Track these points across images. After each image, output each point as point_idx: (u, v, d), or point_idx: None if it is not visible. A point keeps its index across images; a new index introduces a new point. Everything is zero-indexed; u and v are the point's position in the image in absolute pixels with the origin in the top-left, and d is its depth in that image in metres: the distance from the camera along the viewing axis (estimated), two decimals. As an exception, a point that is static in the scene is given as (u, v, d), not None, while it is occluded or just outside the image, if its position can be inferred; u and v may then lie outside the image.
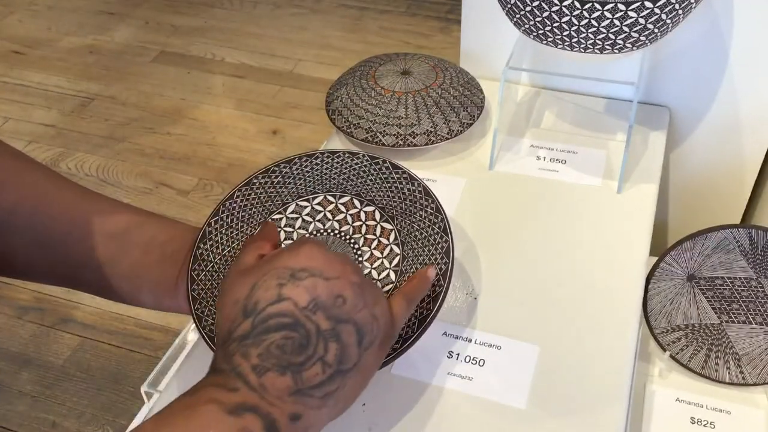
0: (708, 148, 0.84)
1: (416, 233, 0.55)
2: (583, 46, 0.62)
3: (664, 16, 0.59)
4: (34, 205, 0.52)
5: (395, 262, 0.55)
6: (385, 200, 0.57)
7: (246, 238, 0.56)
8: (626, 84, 0.70)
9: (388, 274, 0.54)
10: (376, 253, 0.55)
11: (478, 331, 0.58)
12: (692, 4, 0.61)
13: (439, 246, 0.53)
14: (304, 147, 1.77)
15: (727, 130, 0.82)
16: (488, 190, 0.72)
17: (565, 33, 0.61)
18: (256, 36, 2.23)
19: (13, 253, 0.53)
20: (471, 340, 0.58)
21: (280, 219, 0.58)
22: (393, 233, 0.56)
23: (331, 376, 0.40)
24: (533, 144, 0.78)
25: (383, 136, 0.73)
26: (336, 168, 0.59)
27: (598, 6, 0.58)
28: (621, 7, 0.57)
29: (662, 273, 0.67)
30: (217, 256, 0.55)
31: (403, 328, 0.50)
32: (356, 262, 0.54)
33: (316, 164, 0.59)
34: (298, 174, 0.59)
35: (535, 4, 0.60)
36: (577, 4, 0.58)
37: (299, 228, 0.57)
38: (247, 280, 0.43)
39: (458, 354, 0.57)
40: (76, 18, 2.35)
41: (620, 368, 0.55)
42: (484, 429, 0.52)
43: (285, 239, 0.57)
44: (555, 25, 0.61)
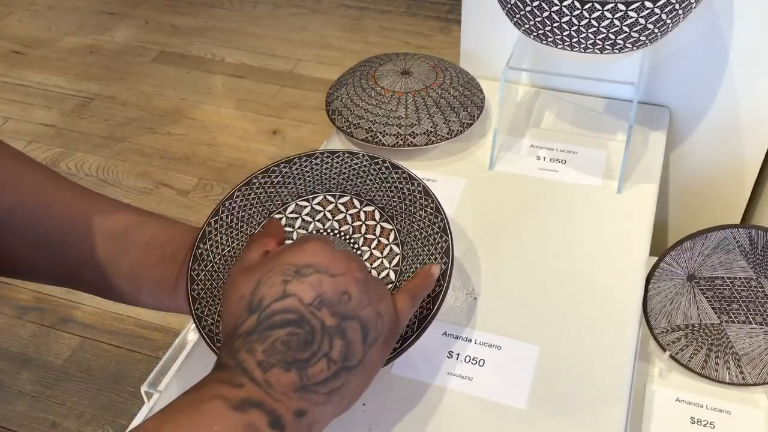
0: (708, 148, 0.84)
1: (416, 233, 0.55)
2: (583, 46, 0.62)
3: (664, 16, 0.59)
4: (34, 205, 0.52)
5: (395, 261, 0.55)
6: (384, 200, 0.57)
7: (246, 238, 0.56)
8: (626, 84, 0.70)
9: (387, 274, 0.54)
10: (376, 253, 0.55)
11: (478, 331, 0.58)
12: (692, 4, 0.61)
13: (439, 246, 0.53)
14: (304, 147, 1.77)
15: (727, 130, 0.82)
16: (488, 190, 0.72)
17: (565, 33, 0.61)
18: (256, 36, 2.23)
19: (14, 253, 0.53)
20: (471, 340, 0.58)
21: (280, 219, 0.58)
22: (393, 233, 0.56)
23: (336, 372, 0.40)
24: (533, 144, 0.78)
25: (383, 136, 0.73)
26: (336, 168, 0.59)
27: (598, 6, 0.58)
28: (621, 7, 0.57)
29: (662, 273, 0.67)
30: (216, 255, 0.55)
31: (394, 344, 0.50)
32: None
33: (316, 164, 0.59)
34: (297, 174, 0.59)
35: (535, 4, 0.60)
36: (577, 4, 0.58)
37: (299, 228, 0.57)
38: (252, 276, 0.43)
39: (458, 354, 0.57)
40: (76, 18, 2.35)
41: (620, 368, 0.55)
42: (484, 429, 0.52)
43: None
44: (555, 25, 0.61)
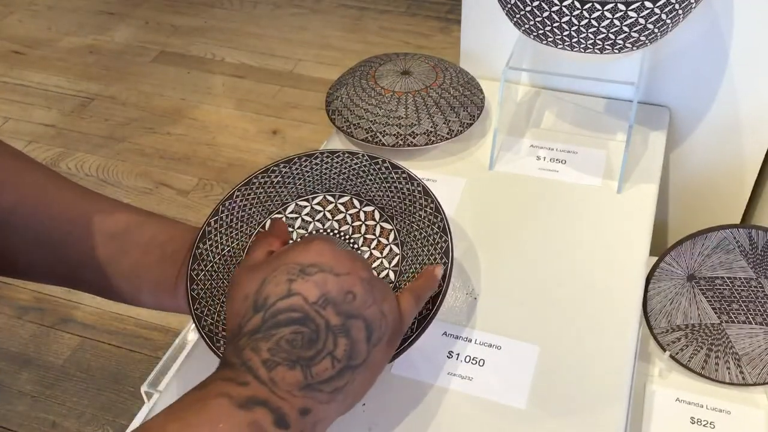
0: (708, 148, 0.84)
1: (416, 233, 0.55)
2: (583, 46, 0.62)
3: (664, 16, 0.59)
4: (34, 204, 0.52)
5: (395, 261, 0.55)
6: (384, 200, 0.57)
7: (246, 237, 0.56)
8: (626, 84, 0.70)
9: (387, 274, 0.54)
10: (376, 253, 0.55)
11: (478, 331, 0.58)
12: (692, 4, 0.61)
13: (439, 246, 0.53)
14: (304, 147, 1.77)
15: (727, 130, 0.82)
16: (488, 190, 0.72)
17: (565, 33, 0.61)
18: (256, 36, 2.23)
19: (14, 253, 0.53)
20: (471, 340, 0.58)
21: (280, 219, 0.58)
22: (392, 233, 0.56)
23: (340, 371, 0.40)
24: (533, 144, 0.78)
25: (383, 136, 0.73)
26: (335, 168, 0.59)
27: (598, 6, 0.58)
28: (621, 7, 0.57)
29: (662, 273, 0.67)
30: (216, 255, 0.55)
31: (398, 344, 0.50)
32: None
33: (316, 164, 0.59)
34: (297, 174, 0.59)
35: (535, 4, 0.60)
36: (577, 4, 0.58)
37: (299, 228, 0.57)
38: (256, 275, 0.43)
39: (458, 354, 0.57)
40: (76, 18, 2.35)
41: (620, 368, 0.55)
42: (484, 429, 0.52)
43: (285, 239, 0.57)
44: (555, 25, 0.61)
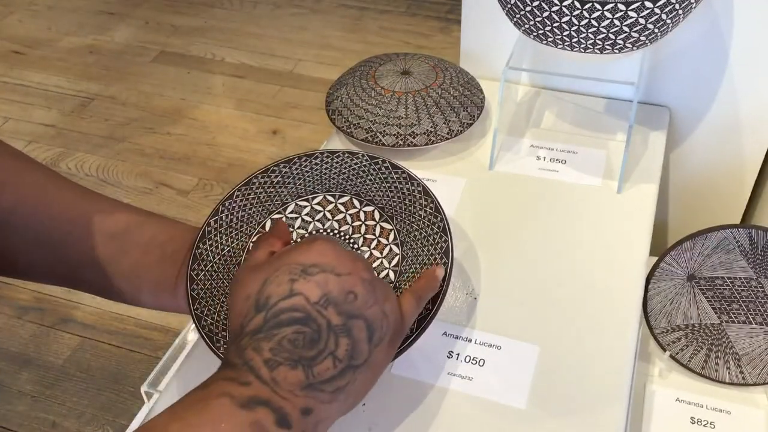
0: (708, 148, 0.84)
1: (415, 233, 0.55)
2: (583, 46, 0.62)
3: (664, 16, 0.59)
4: (34, 204, 0.52)
5: (394, 261, 0.55)
6: (384, 200, 0.57)
7: (246, 237, 0.56)
8: (626, 84, 0.70)
9: (387, 274, 0.54)
10: (376, 253, 0.55)
11: (478, 331, 0.58)
12: (692, 4, 0.61)
13: (439, 246, 0.53)
14: (304, 147, 1.77)
15: (727, 130, 0.82)
16: (488, 190, 0.72)
17: (565, 33, 0.61)
18: (256, 36, 2.23)
19: (14, 253, 0.53)
20: (471, 340, 0.58)
21: (280, 219, 0.58)
22: (392, 233, 0.56)
23: (342, 371, 0.40)
24: (533, 144, 0.78)
25: (383, 136, 0.73)
26: (335, 168, 0.59)
27: (598, 6, 0.58)
28: (621, 7, 0.57)
29: (662, 273, 0.67)
30: (216, 255, 0.55)
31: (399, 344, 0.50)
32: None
33: (316, 164, 0.59)
34: (297, 174, 0.59)
35: (535, 4, 0.60)
36: (577, 4, 0.58)
37: (299, 228, 0.57)
38: (258, 275, 0.43)
39: (458, 354, 0.57)
40: (76, 18, 2.35)
41: (620, 368, 0.55)
42: (484, 429, 0.52)
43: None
44: (555, 25, 0.61)
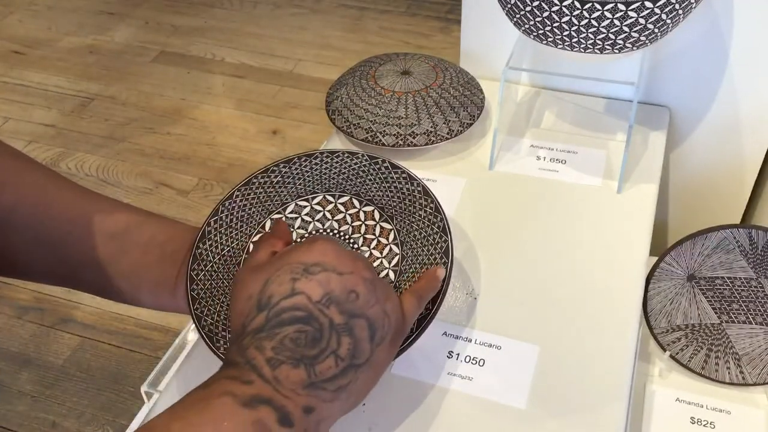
0: (708, 148, 0.84)
1: (415, 233, 0.55)
2: (583, 46, 0.62)
3: (664, 16, 0.59)
4: (34, 204, 0.52)
5: (394, 261, 0.55)
6: (384, 200, 0.57)
7: (245, 237, 0.56)
8: (626, 84, 0.70)
9: (387, 274, 0.54)
10: (376, 253, 0.55)
11: (478, 331, 0.58)
12: (692, 4, 0.61)
13: (439, 246, 0.53)
14: (304, 147, 1.77)
15: (727, 130, 0.82)
16: (488, 190, 0.72)
17: (565, 33, 0.61)
18: (256, 36, 2.23)
19: (14, 253, 0.53)
20: (471, 340, 0.58)
21: (280, 218, 0.58)
22: (392, 233, 0.56)
23: (343, 369, 0.41)
24: (533, 144, 0.78)
25: (383, 136, 0.73)
26: (335, 168, 0.59)
27: (598, 6, 0.58)
28: (621, 7, 0.57)
29: (662, 273, 0.67)
30: (216, 255, 0.55)
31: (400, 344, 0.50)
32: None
33: (316, 164, 0.59)
34: (297, 174, 0.59)
35: (535, 4, 0.60)
36: (577, 4, 0.58)
37: (298, 228, 0.57)
38: (260, 275, 0.43)
39: (458, 354, 0.57)
40: (76, 18, 2.35)
41: (620, 368, 0.55)
42: (484, 429, 0.52)
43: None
44: (555, 25, 0.61)
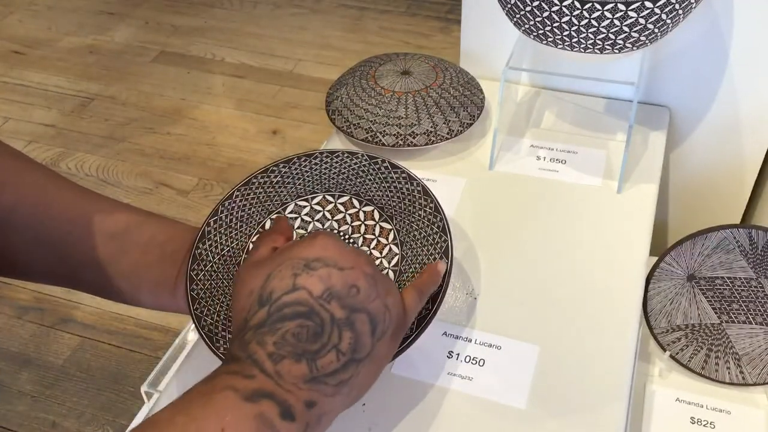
0: (708, 148, 0.84)
1: (415, 233, 0.55)
2: (583, 46, 0.62)
3: (664, 16, 0.59)
4: (34, 204, 0.52)
5: (394, 261, 0.55)
6: (384, 200, 0.57)
7: (245, 237, 0.56)
8: (626, 84, 0.70)
9: (387, 274, 0.54)
10: (375, 253, 0.55)
11: (478, 331, 0.58)
12: (692, 4, 0.61)
13: (438, 246, 0.53)
14: (304, 147, 1.77)
15: (727, 130, 0.82)
16: (488, 190, 0.72)
17: (565, 33, 0.61)
18: (256, 36, 2.23)
19: (14, 253, 0.53)
20: (471, 340, 0.58)
21: (282, 216, 0.58)
22: (392, 233, 0.56)
23: (345, 364, 0.41)
24: (533, 144, 0.78)
25: (383, 136, 0.73)
26: (335, 168, 0.59)
27: (598, 6, 0.58)
28: (621, 7, 0.57)
29: (662, 273, 0.67)
30: (216, 255, 0.55)
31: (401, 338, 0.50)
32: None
33: (315, 164, 0.59)
34: (297, 174, 0.59)
35: (535, 4, 0.60)
36: (577, 4, 0.58)
37: (298, 228, 0.57)
38: (261, 271, 0.43)
39: (458, 354, 0.57)
40: (76, 18, 2.35)
41: (620, 368, 0.55)
42: (484, 429, 0.52)
43: (285, 239, 0.57)
44: (555, 25, 0.61)
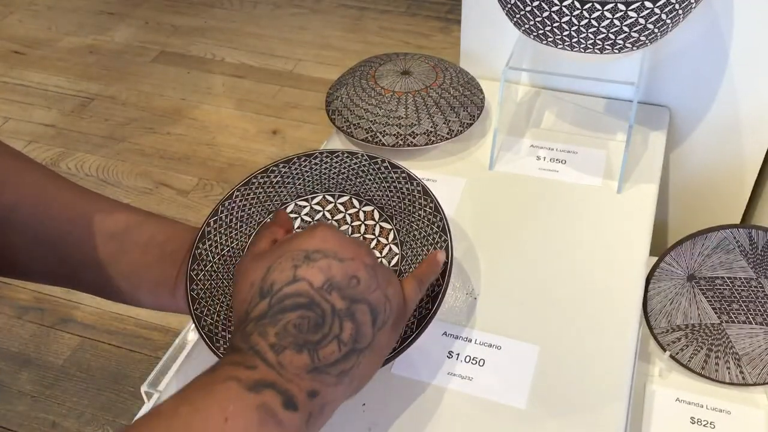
0: (708, 148, 0.84)
1: (415, 233, 0.55)
2: (583, 46, 0.62)
3: (664, 16, 0.59)
4: (34, 204, 0.52)
5: (394, 261, 0.55)
6: (383, 200, 0.57)
7: (245, 237, 0.56)
8: (626, 84, 0.70)
9: (387, 274, 0.54)
10: (375, 253, 0.55)
11: (478, 331, 0.58)
12: (692, 4, 0.61)
13: (438, 245, 0.53)
14: (304, 147, 1.77)
15: (727, 130, 0.82)
16: (488, 190, 0.72)
17: (565, 33, 0.61)
18: (256, 36, 2.23)
19: (14, 253, 0.53)
20: (471, 340, 0.58)
21: (280, 209, 0.57)
22: (392, 233, 0.56)
23: (346, 354, 0.41)
24: (533, 144, 0.77)
25: (383, 136, 0.73)
26: (335, 168, 0.59)
27: (598, 6, 0.57)
28: (621, 7, 0.57)
29: (662, 273, 0.67)
30: (216, 256, 0.55)
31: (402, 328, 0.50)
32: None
33: (315, 164, 0.59)
34: (297, 174, 0.59)
35: (535, 4, 0.60)
36: (577, 4, 0.58)
37: (298, 228, 0.57)
38: (262, 263, 0.44)
39: (458, 354, 0.57)
40: (76, 18, 2.35)
41: (620, 368, 0.55)
42: (484, 429, 0.52)
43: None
44: (555, 25, 0.61)
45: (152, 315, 1.37)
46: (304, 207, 0.58)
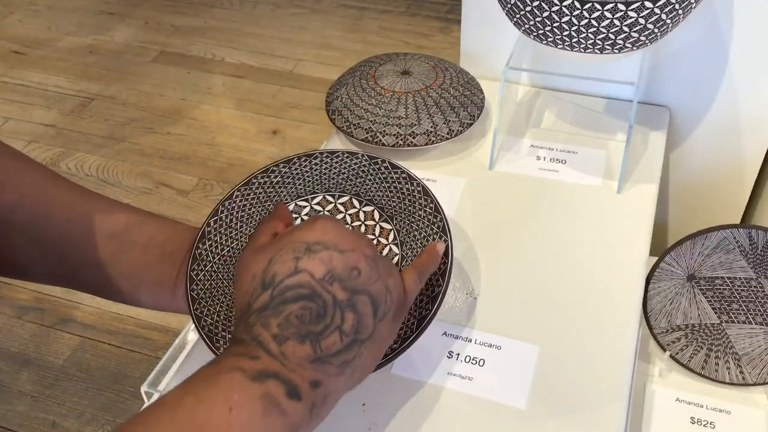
0: (708, 148, 0.84)
1: (415, 233, 0.55)
2: (583, 46, 0.62)
3: (664, 16, 0.59)
4: (34, 204, 0.52)
5: (394, 261, 0.54)
6: (384, 200, 0.57)
7: (245, 238, 0.56)
8: (626, 84, 0.70)
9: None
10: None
11: (478, 331, 0.58)
12: (692, 4, 0.61)
13: (439, 246, 0.53)
14: (304, 147, 1.77)
15: (727, 130, 0.82)
16: (488, 190, 0.72)
17: (565, 33, 0.61)
18: (256, 36, 2.23)
19: (14, 253, 0.53)
20: (471, 340, 0.58)
21: (280, 203, 0.58)
22: (392, 233, 0.56)
23: (348, 344, 0.41)
24: (533, 144, 0.77)
25: (383, 136, 0.73)
26: (335, 168, 0.59)
27: (598, 6, 0.58)
28: (621, 7, 0.57)
29: (662, 273, 0.67)
30: (216, 256, 0.55)
31: (402, 328, 0.50)
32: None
33: (315, 164, 0.59)
34: (297, 174, 0.59)
35: (535, 4, 0.60)
36: (577, 4, 0.58)
37: (299, 228, 0.57)
38: (263, 256, 0.44)
39: (458, 354, 0.57)
40: (76, 18, 2.35)
41: (620, 368, 0.55)
42: (484, 429, 0.52)
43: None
44: (555, 25, 0.61)
45: (152, 315, 1.37)
46: (305, 207, 0.58)
